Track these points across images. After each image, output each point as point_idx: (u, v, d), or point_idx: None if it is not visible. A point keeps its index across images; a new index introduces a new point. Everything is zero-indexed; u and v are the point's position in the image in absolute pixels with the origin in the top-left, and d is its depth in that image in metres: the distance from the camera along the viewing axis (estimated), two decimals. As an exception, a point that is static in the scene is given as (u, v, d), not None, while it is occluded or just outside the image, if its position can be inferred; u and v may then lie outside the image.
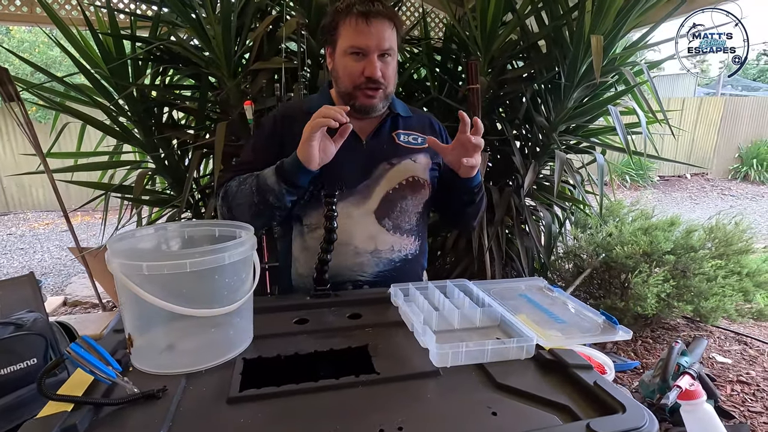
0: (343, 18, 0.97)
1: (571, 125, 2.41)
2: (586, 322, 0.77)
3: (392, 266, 1.05)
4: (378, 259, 1.03)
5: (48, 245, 4.98)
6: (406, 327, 0.77)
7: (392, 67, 1.01)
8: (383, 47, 0.96)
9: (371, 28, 0.95)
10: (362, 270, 1.03)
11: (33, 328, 1.42)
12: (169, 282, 0.57)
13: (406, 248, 1.07)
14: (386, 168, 1.05)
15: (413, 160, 1.07)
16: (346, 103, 1.03)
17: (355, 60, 0.97)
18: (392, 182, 1.04)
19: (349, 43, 0.97)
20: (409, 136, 1.09)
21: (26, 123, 2.06)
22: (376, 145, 1.06)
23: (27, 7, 2.82)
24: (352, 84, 0.99)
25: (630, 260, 2.13)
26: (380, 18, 0.95)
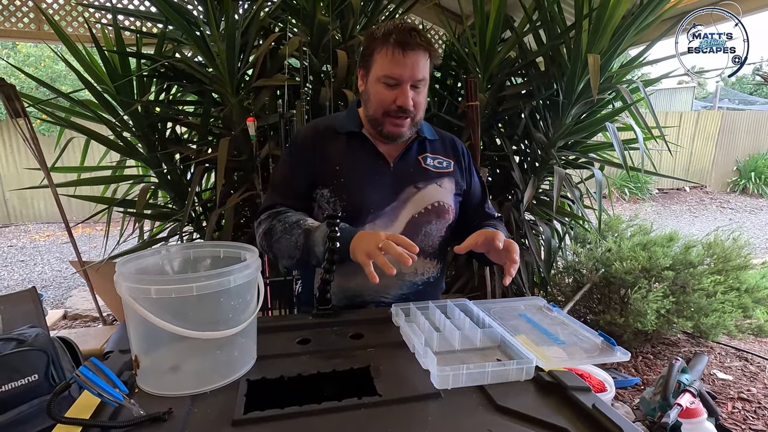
0: (380, 46, 0.97)
1: (570, 141, 2.45)
2: (585, 342, 0.78)
3: (415, 289, 1.06)
4: (402, 281, 1.04)
5: (48, 257, 4.98)
6: (408, 347, 0.78)
7: (423, 95, 1.02)
8: (417, 78, 0.97)
9: (407, 59, 0.94)
10: (386, 292, 1.04)
11: (35, 343, 1.42)
12: (176, 305, 0.58)
13: (429, 271, 1.08)
14: (413, 192, 1.05)
15: (439, 185, 1.07)
16: (373, 127, 1.04)
17: (387, 88, 0.98)
18: (418, 206, 1.04)
19: (384, 71, 0.97)
20: (435, 160, 1.09)
21: (32, 138, 2.09)
22: (403, 168, 1.06)
23: (35, 25, 2.87)
24: (382, 110, 1.00)
25: (629, 276, 2.14)
26: (417, 50, 0.95)
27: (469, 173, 1.16)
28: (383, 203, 1.03)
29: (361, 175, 1.04)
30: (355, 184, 1.03)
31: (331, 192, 1.03)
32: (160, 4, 2.00)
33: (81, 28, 2.94)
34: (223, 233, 2.12)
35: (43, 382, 1.38)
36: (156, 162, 2.24)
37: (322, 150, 1.05)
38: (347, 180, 1.03)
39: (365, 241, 0.86)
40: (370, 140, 1.06)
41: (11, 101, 2.02)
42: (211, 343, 0.63)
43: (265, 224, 1.03)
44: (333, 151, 1.05)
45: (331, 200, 1.03)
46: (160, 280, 0.58)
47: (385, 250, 0.82)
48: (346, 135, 1.07)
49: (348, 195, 1.02)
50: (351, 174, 1.03)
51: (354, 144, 1.06)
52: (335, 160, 1.04)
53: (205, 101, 2.21)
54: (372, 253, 0.83)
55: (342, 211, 1.01)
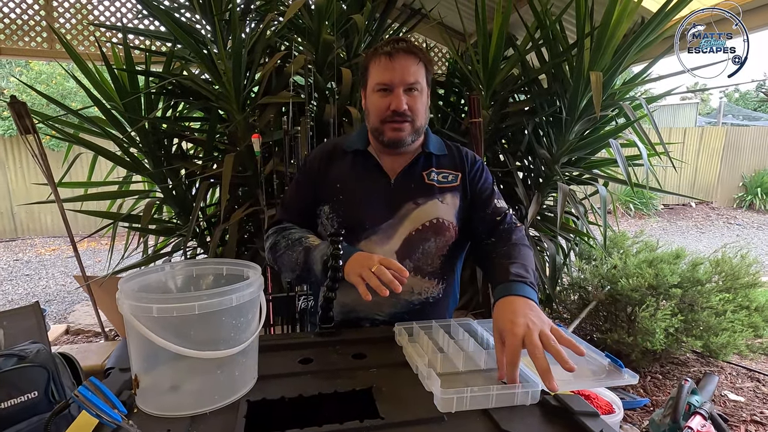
0: (372, 59, 1.02)
1: (573, 157, 2.45)
2: (592, 364, 0.77)
3: (410, 308, 1.04)
4: (396, 300, 1.02)
5: (53, 271, 5.00)
6: (411, 368, 0.77)
7: (421, 102, 1.02)
8: (408, 81, 0.98)
9: (395, 64, 0.97)
10: (379, 309, 1.02)
11: (35, 360, 1.41)
12: (177, 324, 0.58)
13: (428, 291, 1.05)
14: (411, 208, 1.03)
15: (441, 200, 1.05)
16: (376, 138, 1.05)
17: (382, 96, 1.00)
18: (416, 223, 1.03)
19: (375, 80, 1.00)
20: (440, 175, 1.07)
21: (40, 154, 2.12)
22: (405, 184, 1.06)
23: (47, 44, 2.95)
24: (380, 118, 1.01)
25: (636, 293, 2.11)
26: (404, 54, 0.98)
27: (477, 178, 1.11)
28: (380, 220, 1.02)
29: (359, 192, 1.05)
30: (353, 200, 1.04)
31: (330, 208, 1.05)
32: (169, 23, 2.05)
33: (92, 47, 3.01)
34: (227, 248, 2.12)
35: (42, 399, 1.36)
36: (162, 177, 2.26)
37: (326, 169, 1.08)
38: (345, 197, 1.04)
39: (358, 264, 0.86)
40: (374, 157, 1.07)
41: (22, 118, 2.06)
42: (212, 362, 0.62)
43: (271, 239, 1.07)
44: (336, 170, 1.07)
45: (330, 216, 1.05)
46: (162, 299, 0.57)
47: (378, 275, 0.82)
48: (352, 153, 1.09)
49: (345, 211, 1.04)
50: (349, 191, 1.05)
51: (358, 161, 1.08)
52: (337, 178, 1.06)
53: (211, 118, 2.24)
54: (365, 276, 0.83)
55: (339, 226, 1.02)
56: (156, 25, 2.94)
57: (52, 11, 2.94)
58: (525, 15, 2.55)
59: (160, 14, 2.17)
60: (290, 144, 2.03)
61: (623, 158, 2.13)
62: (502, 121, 2.49)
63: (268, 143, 2.12)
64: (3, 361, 1.37)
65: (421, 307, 1.05)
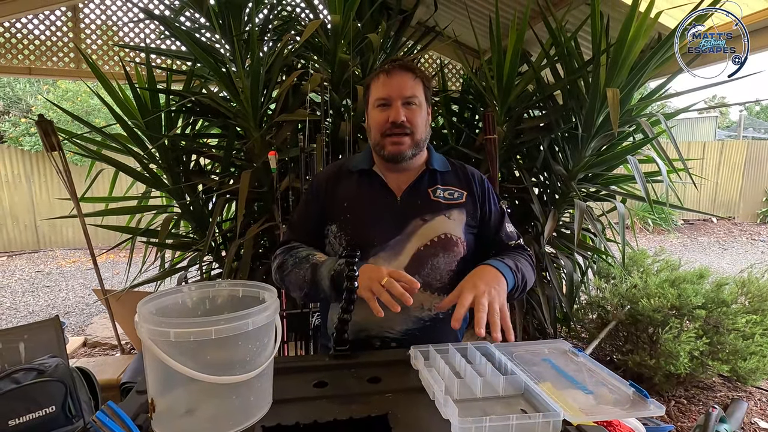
0: (372, 80, 1.07)
1: (590, 173, 2.41)
2: (615, 393, 0.74)
3: (421, 325, 1.03)
4: (407, 316, 1.02)
5: (73, 283, 5.10)
6: (427, 393, 0.75)
7: (420, 116, 1.04)
8: (405, 95, 1.02)
9: (392, 80, 1.02)
10: (390, 327, 1.02)
11: (54, 374, 1.43)
12: (194, 348, 0.58)
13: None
14: (419, 224, 1.04)
15: (447, 216, 1.06)
16: (377, 153, 1.07)
17: (381, 111, 1.03)
18: (424, 239, 1.03)
19: (375, 96, 1.04)
20: (446, 191, 1.09)
21: (65, 171, 2.18)
22: (411, 201, 1.07)
23: (74, 63, 3.06)
24: (380, 132, 1.04)
25: (658, 314, 2.04)
26: (400, 70, 1.03)
27: (484, 201, 1.13)
28: (387, 237, 1.03)
29: (366, 210, 1.06)
30: (360, 218, 1.05)
31: (338, 228, 1.06)
32: (189, 44, 2.11)
33: (116, 66, 3.12)
34: (242, 263, 2.13)
35: (60, 414, 1.38)
36: (180, 193, 2.31)
37: (333, 189, 1.10)
38: (353, 215, 1.06)
39: (367, 277, 0.88)
40: (379, 176, 1.09)
41: (48, 136, 2.13)
42: (227, 387, 0.62)
43: (279, 259, 1.08)
44: (343, 189, 1.09)
45: (338, 235, 1.06)
46: (179, 323, 0.57)
47: (388, 288, 0.84)
48: (357, 173, 1.11)
49: (353, 229, 1.05)
50: (357, 209, 1.06)
51: (363, 181, 1.10)
52: (344, 198, 1.08)
53: (229, 135, 2.28)
54: (376, 290, 0.85)
55: (347, 245, 1.03)
56: (177, 45, 3.03)
57: (79, 33, 3.07)
58: (539, 32, 2.55)
59: (181, 35, 2.24)
60: (306, 161, 2.05)
61: (642, 175, 2.09)
62: (516, 137, 2.48)
63: (284, 160, 2.15)
64: (23, 375, 1.39)
65: (431, 324, 1.04)
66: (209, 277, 2.47)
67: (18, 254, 6.71)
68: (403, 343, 1.03)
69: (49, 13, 2.98)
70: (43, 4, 2.83)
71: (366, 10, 2.48)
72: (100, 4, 3.09)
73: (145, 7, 3.12)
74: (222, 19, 2.27)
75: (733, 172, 9.23)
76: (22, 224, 6.88)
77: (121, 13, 3.13)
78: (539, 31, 2.56)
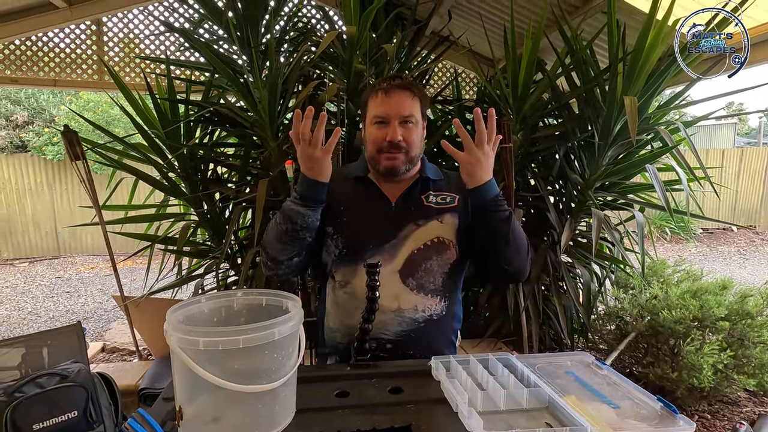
0: (370, 94, 1.11)
1: (607, 182, 2.39)
2: (642, 407, 0.72)
3: (415, 326, 1.05)
4: (401, 318, 1.04)
5: (92, 289, 5.20)
6: (449, 405, 0.75)
7: (415, 134, 1.08)
8: (403, 114, 1.05)
9: (391, 99, 1.06)
10: (385, 328, 1.04)
11: (76, 379, 1.46)
12: (222, 357, 0.59)
13: (431, 308, 1.07)
14: (412, 228, 1.08)
15: (440, 221, 1.10)
16: (372, 166, 1.12)
17: (378, 128, 1.07)
18: (417, 242, 1.07)
19: (373, 113, 1.08)
20: (438, 197, 1.13)
21: (88, 180, 2.24)
22: (405, 207, 1.11)
23: (97, 75, 3.16)
24: (376, 148, 1.08)
25: (680, 326, 2.00)
26: (399, 89, 1.06)
27: None
28: (383, 240, 1.07)
29: (362, 214, 1.10)
30: (356, 222, 1.09)
31: (334, 230, 1.10)
32: (208, 55, 2.16)
33: (137, 77, 3.20)
34: (258, 271, 2.15)
35: (81, 419, 1.40)
36: (197, 201, 2.34)
37: (330, 192, 1.11)
38: (349, 218, 1.10)
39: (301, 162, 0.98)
40: (374, 183, 1.13)
41: (73, 146, 2.20)
42: (253, 396, 0.62)
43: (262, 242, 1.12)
44: (340, 194, 1.12)
45: (334, 237, 1.10)
46: (208, 332, 0.58)
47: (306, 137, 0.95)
48: (353, 179, 1.15)
49: (349, 232, 1.08)
50: (353, 213, 1.10)
51: (359, 187, 1.14)
52: (341, 202, 1.11)
53: (246, 144, 2.32)
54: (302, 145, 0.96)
55: (343, 247, 1.07)
56: (196, 56, 3.11)
57: (102, 45, 3.16)
58: (554, 40, 2.55)
59: (200, 46, 2.29)
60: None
61: (661, 184, 2.06)
62: (532, 145, 2.47)
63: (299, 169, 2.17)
64: (47, 379, 1.42)
65: (425, 325, 1.06)
66: (225, 285, 2.49)
67: (39, 260, 6.87)
68: (398, 344, 1.04)
69: (74, 27, 3.08)
70: (68, 19, 2.94)
71: (381, 21, 2.51)
72: (122, 18, 3.18)
73: (166, 20, 3.21)
74: (240, 31, 2.32)
75: (753, 180, 9.02)
76: (44, 231, 7.05)
77: (143, 26, 3.23)
78: (554, 40, 2.56)
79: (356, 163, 1.21)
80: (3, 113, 8.10)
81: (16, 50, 3.04)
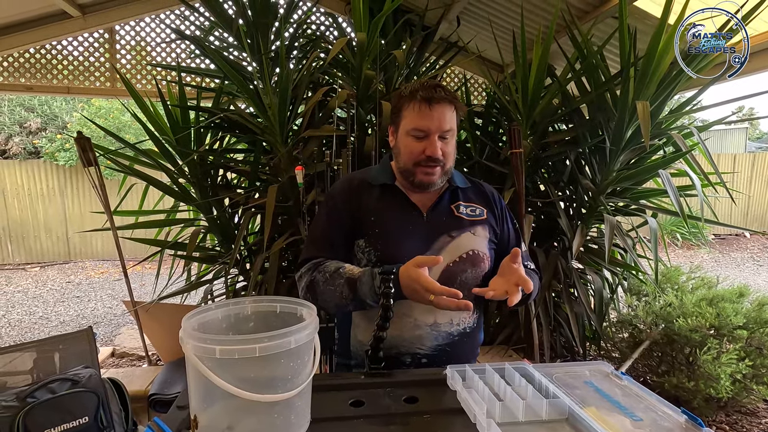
0: (408, 102, 1.03)
1: (618, 187, 2.36)
2: (665, 420, 0.70)
3: (450, 340, 1.03)
4: (437, 332, 1.02)
5: (101, 294, 5.24)
6: (466, 415, 0.73)
7: (451, 145, 1.05)
8: (444, 129, 1.01)
9: (433, 112, 1.00)
10: (421, 343, 1.01)
11: (88, 384, 1.46)
12: (238, 365, 0.58)
13: (465, 322, 1.05)
14: (447, 240, 1.05)
15: (473, 233, 1.07)
16: (405, 178, 1.07)
17: (416, 140, 1.02)
18: (453, 255, 1.04)
19: (412, 125, 1.02)
20: (468, 208, 1.10)
21: (100, 185, 2.26)
22: (437, 217, 1.07)
23: (110, 83, 3.20)
24: (413, 161, 1.03)
25: (696, 334, 1.96)
26: (442, 102, 1.00)
27: (502, 220, 1.15)
28: (416, 252, 1.01)
29: (394, 225, 1.05)
30: (389, 234, 1.04)
31: (366, 242, 1.05)
32: (219, 61, 2.18)
33: (148, 84, 3.24)
34: (268, 277, 2.15)
35: (92, 425, 1.40)
36: (207, 207, 2.35)
37: (357, 202, 1.08)
38: (381, 230, 1.05)
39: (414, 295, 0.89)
40: (402, 192, 1.09)
41: (86, 152, 2.22)
42: (269, 404, 0.61)
43: (306, 277, 1.04)
44: (367, 203, 1.07)
45: (366, 250, 1.04)
46: (224, 340, 0.58)
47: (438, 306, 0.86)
48: (379, 187, 1.10)
49: (382, 245, 1.04)
50: (385, 224, 1.05)
51: (387, 195, 1.09)
52: (370, 212, 1.07)
53: (256, 150, 2.33)
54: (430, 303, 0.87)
55: (376, 260, 1.02)
56: (206, 63, 3.14)
57: (115, 53, 3.21)
58: (563, 45, 2.54)
59: (211, 53, 2.31)
60: (331, 175, 2.08)
61: (675, 189, 2.03)
62: (542, 150, 2.46)
63: (309, 174, 2.17)
64: (58, 385, 1.42)
65: (459, 338, 1.04)
66: (234, 290, 2.49)
67: (50, 265, 6.94)
68: (433, 359, 1.02)
69: (87, 35, 3.13)
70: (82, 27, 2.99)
71: (390, 28, 2.52)
72: (135, 26, 3.23)
73: (177, 28, 3.25)
74: (250, 38, 2.34)
75: (766, 185, 8.89)
76: (55, 236, 7.14)
77: (154, 34, 3.27)
78: (563, 45, 2.55)
79: (378, 168, 1.15)
80: (17, 120, 8.24)
81: (31, 58, 3.09)
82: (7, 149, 8.07)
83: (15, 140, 8.03)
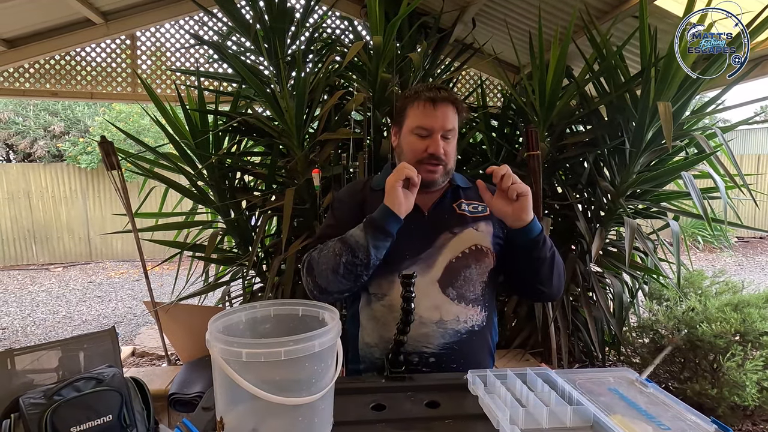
0: (412, 102, 1.07)
1: (638, 190, 2.32)
2: (694, 430, 0.69)
3: (458, 338, 1.03)
4: (444, 330, 1.01)
5: (122, 294, 5.36)
6: (488, 420, 0.73)
7: (453, 146, 1.08)
8: (446, 128, 1.04)
9: (437, 111, 1.03)
10: (428, 341, 1.01)
11: (111, 383, 1.49)
12: (264, 368, 0.59)
13: (473, 319, 1.05)
14: (448, 237, 1.06)
15: (475, 229, 1.08)
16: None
17: (419, 138, 1.05)
18: (455, 251, 1.05)
19: (416, 123, 1.05)
20: (470, 206, 1.11)
21: (122, 188, 2.31)
22: (438, 215, 1.09)
23: (131, 88, 3.28)
24: (415, 159, 1.06)
25: (720, 340, 1.91)
26: (445, 102, 1.04)
27: None
28: (419, 250, 1.05)
29: None
30: None
31: None
32: (238, 66, 2.21)
33: (168, 89, 3.31)
34: (284, 278, 2.17)
35: (116, 423, 1.43)
36: (225, 209, 2.39)
37: (360, 204, 1.11)
38: None
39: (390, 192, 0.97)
40: None
41: (109, 156, 2.28)
42: (293, 408, 0.62)
43: (306, 263, 1.06)
44: (370, 205, 1.09)
45: None
46: (251, 344, 0.59)
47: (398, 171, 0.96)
48: (382, 191, 1.09)
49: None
50: None
51: None
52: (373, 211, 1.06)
53: (273, 153, 2.36)
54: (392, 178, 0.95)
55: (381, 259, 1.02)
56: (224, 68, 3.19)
57: (136, 59, 3.29)
58: (581, 45, 2.50)
59: (230, 58, 2.35)
60: (347, 178, 2.09)
61: (698, 192, 1.98)
62: (559, 152, 2.43)
63: (326, 177, 2.19)
64: (83, 383, 1.46)
65: (467, 337, 1.03)
66: (251, 292, 2.52)
67: (72, 265, 7.13)
68: (441, 357, 1.01)
69: (110, 42, 3.21)
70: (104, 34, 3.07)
71: (405, 31, 2.52)
72: (155, 32, 3.30)
73: (195, 33, 3.32)
74: (267, 43, 2.37)
75: (791, 187, 8.62)
76: (77, 237, 7.33)
77: (174, 40, 3.33)
78: (580, 45, 2.52)
79: (381, 174, 1.19)
80: (42, 124, 8.49)
81: (56, 65, 3.19)
82: (32, 152, 8.33)
83: (39, 144, 8.28)
